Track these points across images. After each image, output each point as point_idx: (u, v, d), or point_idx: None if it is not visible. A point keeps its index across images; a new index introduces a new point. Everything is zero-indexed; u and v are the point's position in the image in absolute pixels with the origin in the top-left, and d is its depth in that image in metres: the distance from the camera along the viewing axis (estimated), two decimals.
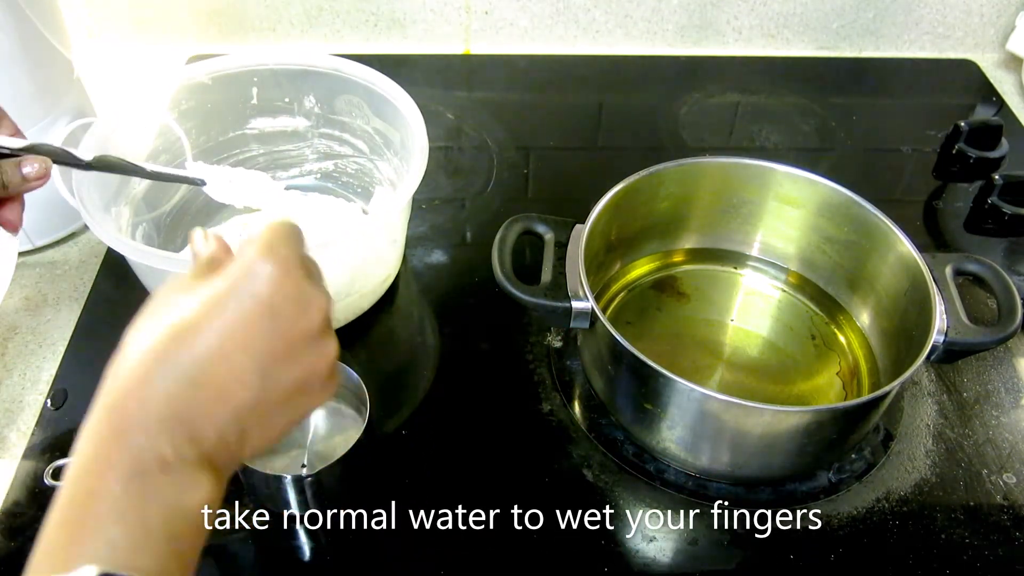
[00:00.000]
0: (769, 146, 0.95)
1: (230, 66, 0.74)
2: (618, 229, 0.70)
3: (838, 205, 0.68)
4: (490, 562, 0.57)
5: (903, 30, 1.08)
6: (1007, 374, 0.70)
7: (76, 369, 0.68)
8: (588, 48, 1.08)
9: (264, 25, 1.04)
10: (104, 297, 0.74)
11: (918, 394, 0.68)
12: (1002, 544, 0.59)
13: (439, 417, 0.65)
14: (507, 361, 0.70)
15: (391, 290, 0.74)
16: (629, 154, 0.94)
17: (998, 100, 1.02)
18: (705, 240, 0.76)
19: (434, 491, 0.60)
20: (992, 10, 1.06)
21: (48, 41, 0.71)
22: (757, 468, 0.60)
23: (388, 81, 0.72)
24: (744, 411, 0.55)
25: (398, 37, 1.06)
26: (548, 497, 0.60)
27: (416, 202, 0.83)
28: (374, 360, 0.70)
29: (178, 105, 0.73)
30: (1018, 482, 0.62)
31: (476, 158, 0.91)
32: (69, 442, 0.62)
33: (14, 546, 0.56)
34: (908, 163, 0.93)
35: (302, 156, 0.82)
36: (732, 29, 1.07)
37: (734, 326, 0.72)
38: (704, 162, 0.71)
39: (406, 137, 0.71)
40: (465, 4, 1.03)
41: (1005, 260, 0.81)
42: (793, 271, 0.75)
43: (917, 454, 0.64)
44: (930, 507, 0.61)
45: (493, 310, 0.73)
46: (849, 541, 0.59)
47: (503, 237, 0.63)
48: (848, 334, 0.71)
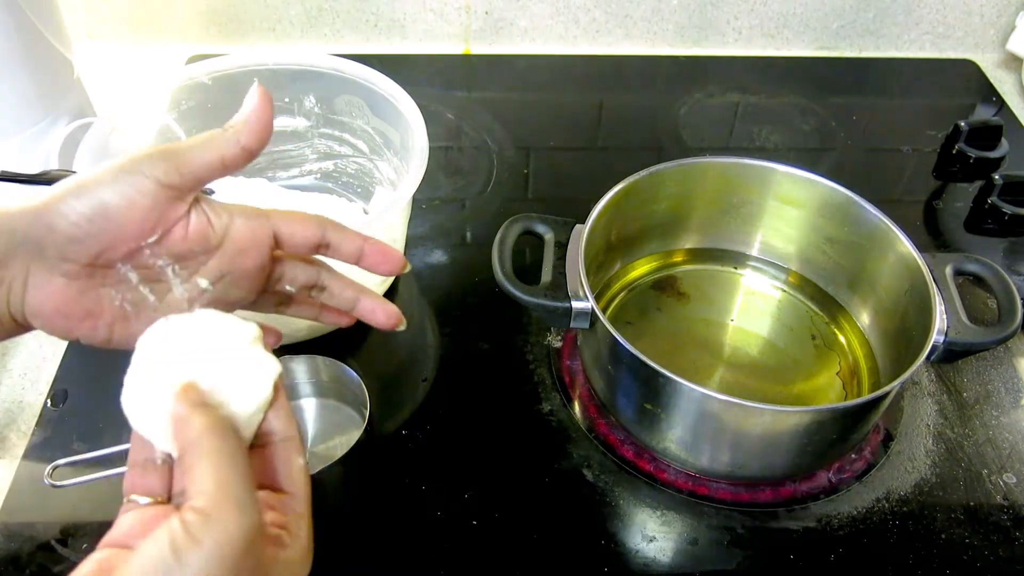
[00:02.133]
0: (769, 146, 0.95)
1: (230, 66, 0.74)
2: (618, 229, 0.70)
3: (838, 205, 0.68)
4: (490, 562, 0.57)
5: (903, 30, 1.08)
6: (1007, 374, 0.70)
7: (76, 369, 0.68)
8: (588, 48, 1.08)
9: (264, 25, 1.04)
10: None
11: (918, 394, 0.68)
12: (1002, 544, 0.59)
13: (439, 417, 0.65)
14: (507, 361, 0.70)
15: (391, 290, 0.74)
16: (629, 154, 0.94)
17: (998, 100, 1.02)
18: (705, 240, 0.76)
19: (434, 491, 0.60)
20: (992, 10, 1.06)
21: (48, 41, 0.71)
22: (757, 468, 0.60)
23: (388, 81, 0.72)
24: (744, 411, 0.55)
25: (398, 37, 1.06)
26: (548, 497, 0.60)
27: (416, 202, 0.83)
28: (374, 360, 0.70)
29: (178, 105, 0.73)
30: (1018, 482, 0.62)
31: (476, 158, 0.91)
32: (69, 442, 0.63)
33: (14, 546, 0.56)
34: (908, 163, 0.93)
35: (302, 156, 0.82)
36: (732, 29, 1.07)
37: (734, 326, 0.72)
38: (704, 162, 0.71)
39: (406, 137, 0.71)
40: (465, 4, 1.03)
41: (1005, 260, 0.81)
42: (793, 271, 0.75)
43: (917, 454, 0.64)
44: (930, 507, 0.61)
45: (493, 310, 0.73)
46: (849, 541, 0.59)
47: (503, 237, 0.63)
48: (848, 334, 0.71)
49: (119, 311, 0.40)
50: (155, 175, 0.37)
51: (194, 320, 0.39)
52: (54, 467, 0.57)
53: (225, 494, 0.33)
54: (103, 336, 0.41)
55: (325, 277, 0.46)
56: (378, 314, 0.47)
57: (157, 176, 0.37)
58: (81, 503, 0.59)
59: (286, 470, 0.39)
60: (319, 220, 0.43)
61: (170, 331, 0.38)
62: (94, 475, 0.57)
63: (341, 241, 0.44)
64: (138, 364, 0.38)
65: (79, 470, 0.58)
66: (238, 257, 0.41)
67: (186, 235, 0.39)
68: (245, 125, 0.40)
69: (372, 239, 0.45)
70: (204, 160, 0.39)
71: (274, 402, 0.39)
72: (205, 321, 0.39)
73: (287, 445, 0.39)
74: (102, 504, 0.59)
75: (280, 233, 0.42)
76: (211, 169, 0.39)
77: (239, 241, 0.41)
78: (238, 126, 0.40)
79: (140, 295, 0.41)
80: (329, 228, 0.43)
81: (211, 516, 0.33)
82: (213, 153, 0.39)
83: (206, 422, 0.35)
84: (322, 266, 0.46)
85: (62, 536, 0.57)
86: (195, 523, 0.32)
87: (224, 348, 0.38)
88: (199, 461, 0.34)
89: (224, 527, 0.32)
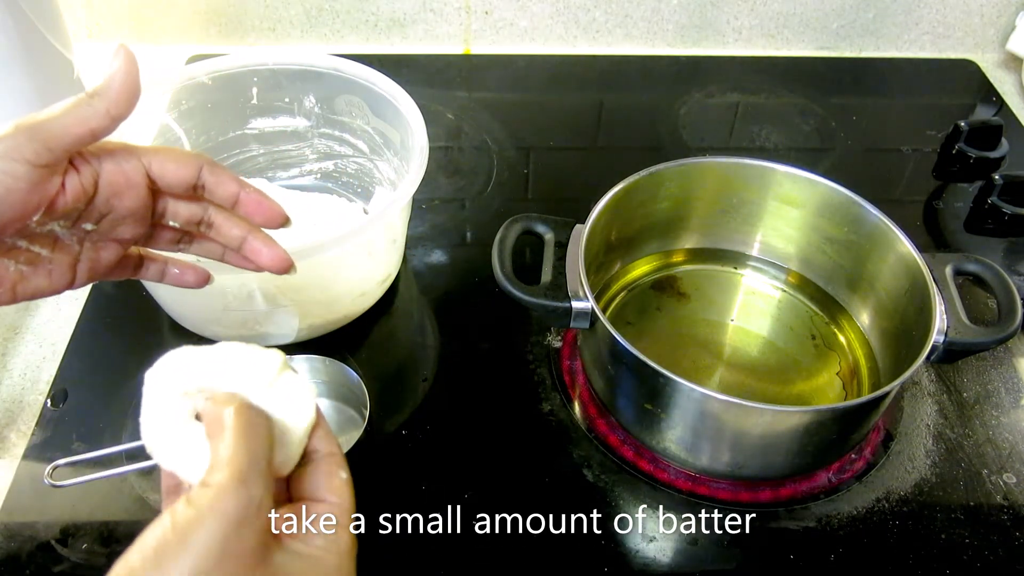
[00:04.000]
0: (769, 146, 0.95)
1: (230, 66, 0.74)
2: (618, 229, 0.70)
3: (838, 205, 0.68)
4: (490, 562, 0.57)
5: (903, 30, 1.08)
6: (1007, 374, 0.70)
7: (76, 369, 0.68)
8: (588, 48, 1.08)
9: (264, 25, 1.04)
10: (104, 297, 0.74)
11: (918, 394, 0.68)
12: (1002, 544, 0.59)
13: (439, 417, 0.65)
14: (507, 361, 0.70)
15: (391, 290, 0.74)
16: (629, 154, 0.94)
17: (998, 100, 1.02)
18: (705, 240, 0.76)
19: (434, 491, 0.60)
20: (992, 10, 1.06)
21: (48, 41, 0.71)
22: (757, 468, 0.60)
23: (388, 81, 0.72)
24: (744, 411, 0.55)
25: (398, 37, 1.06)
26: (548, 497, 0.60)
27: (416, 202, 0.83)
28: (374, 360, 0.70)
29: (178, 105, 0.73)
30: (1018, 482, 0.62)
31: (476, 158, 0.91)
32: (69, 442, 0.63)
33: (14, 546, 0.56)
34: (908, 163, 0.93)
35: (302, 156, 0.82)
36: (732, 29, 1.07)
37: (734, 326, 0.72)
38: (704, 162, 0.71)
39: (406, 137, 0.71)
40: (465, 4, 1.03)
41: (1005, 260, 0.81)
42: (793, 271, 0.75)
43: (917, 454, 0.64)
44: (930, 507, 0.61)
45: (493, 310, 0.73)
46: (849, 541, 0.59)
47: (503, 237, 0.63)
48: (848, 334, 0.71)
49: (16, 273, 0.41)
50: (26, 158, 0.37)
51: (210, 352, 0.39)
52: (54, 467, 0.56)
53: (230, 465, 0.34)
54: (7, 298, 0.42)
55: (213, 213, 0.46)
56: (263, 255, 0.47)
57: (28, 159, 0.37)
58: (81, 503, 0.59)
59: (329, 482, 0.39)
60: (194, 159, 0.44)
61: (181, 362, 0.38)
62: (94, 475, 0.57)
63: (217, 183, 0.44)
64: (152, 399, 0.38)
65: (79, 470, 0.57)
66: (114, 199, 0.42)
67: (66, 199, 0.40)
68: (112, 92, 0.40)
69: (251, 187, 0.45)
70: (74, 134, 0.39)
71: (316, 423, 0.40)
72: (227, 353, 0.39)
73: (330, 460, 0.40)
74: (102, 504, 0.59)
75: (153, 172, 0.42)
76: (81, 141, 0.39)
77: (113, 184, 0.41)
78: (106, 94, 0.40)
79: (33, 253, 0.42)
80: (206, 168, 0.44)
81: (211, 485, 0.33)
82: (83, 127, 0.39)
83: (232, 404, 0.36)
84: (211, 203, 0.46)
85: (62, 536, 0.57)
86: (196, 493, 0.33)
87: (258, 378, 0.38)
88: (215, 440, 0.35)
89: (220, 495, 0.33)
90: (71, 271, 0.44)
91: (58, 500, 0.59)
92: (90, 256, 0.44)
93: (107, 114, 0.39)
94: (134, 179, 0.42)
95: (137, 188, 0.42)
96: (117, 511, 0.59)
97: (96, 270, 0.45)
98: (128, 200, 0.42)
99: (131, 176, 0.42)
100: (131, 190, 0.42)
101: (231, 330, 0.67)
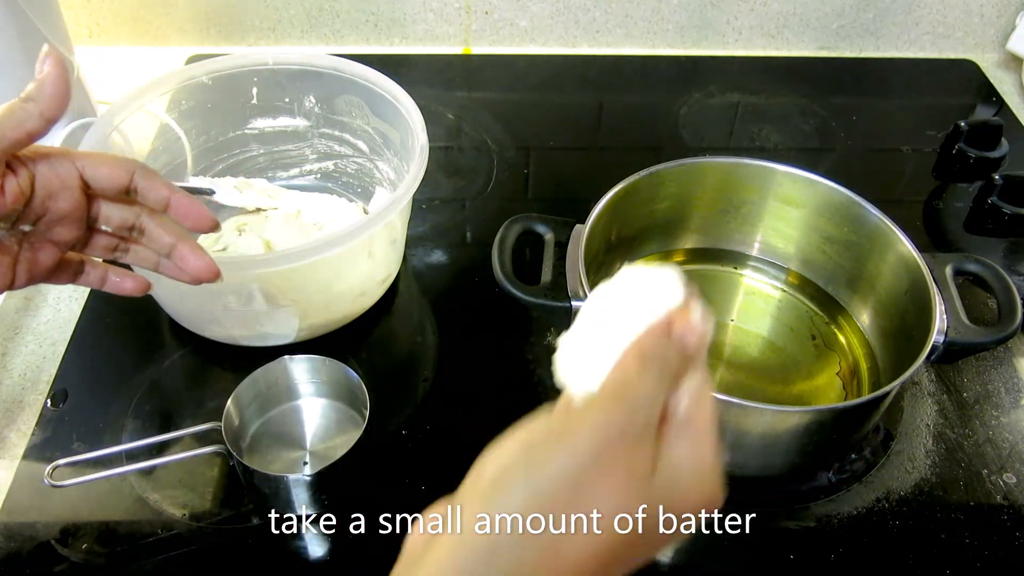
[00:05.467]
0: (769, 146, 0.95)
1: (230, 66, 0.74)
2: (618, 229, 0.70)
3: (838, 205, 0.68)
4: None
5: (903, 30, 1.08)
6: (1007, 374, 0.70)
7: (76, 369, 0.68)
8: (588, 48, 1.08)
9: (264, 25, 1.04)
10: (104, 297, 0.73)
11: (918, 394, 0.68)
12: (1002, 544, 0.59)
13: (439, 417, 0.65)
14: (507, 361, 0.70)
15: (391, 290, 0.74)
16: (629, 154, 0.94)
17: (998, 100, 1.02)
18: (705, 240, 0.76)
19: (434, 491, 0.60)
20: (992, 10, 1.06)
21: (48, 41, 0.71)
22: (757, 468, 0.60)
23: (388, 81, 0.72)
24: (744, 411, 0.55)
25: (398, 37, 1.06)
26: None
27: (416, 202, 0.83)
28: (374, 360, 0.70)
29: (178, 105, 0.73)
30: (1018, 482, 0.62)
31: (476, 158, 0.91)
32: (69, 442, 0.63)
33: (14, 546, 0.56)
34: (908, 163, 0.93)
35: (302, 156, 0.82)
36: (732, 29, 1.07)
37: (734, 326, 0.72)
38: (704, 162, 0.71)
39: (406, 137, 0.71)
40: (465, 4, 1.03)
41: (1005, 260, 0.81)
42: (793, 271, 0.75)
43: (917, 454, 0.64)
44: (930, 507, 0.61)
45: (493, 310, 0.73)
46: (849, 541, 0.59)
47: (503, 237, 0.63)
48: (848, 334, 0.71)
49: None
50: None
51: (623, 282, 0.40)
52: (54, 467, 0.57)
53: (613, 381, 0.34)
54: None
55: (145, 220, 0.47)
56: (190, 261, 0.48)
57: None
58: (81, 503, 0.59)
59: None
60: (127, 163, 0.45)
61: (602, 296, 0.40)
62: (94, 475, 0.57)
63: (149, 187, 0.45)
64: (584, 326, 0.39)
65: (79, 470, 0.58)
66: (49, 200, 0.43)
67: (4, 201, 0.41)
68: (44, 96, 0.41)
69: (182, 192, 0.46)
70: (10, 137, 0.40)
71: None
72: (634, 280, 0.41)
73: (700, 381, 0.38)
74: (102, 504, 0.59)
75: (86, 175, 0.44)
76: (18, 144, 0.41)
77: (48, 186, 0.43)
78: (39, 98, 0.41)
79: None
80: (138, 173, 0.45)
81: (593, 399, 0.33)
82: (19, 131, 0.40)
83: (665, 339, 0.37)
84: (144, 209, 0.47)
85: (62, 536, 0.57)
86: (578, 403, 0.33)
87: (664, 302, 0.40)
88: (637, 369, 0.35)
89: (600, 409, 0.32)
90: (10, 272, 0.45)
91: (58, 500, 0.59)
92: (28, 257, 0.45)
93: (41, 116, 0.41)
94: (68, 181, 0.43)
95: (71, 190, 0.43)
96: (117, 511, 0.58)
97: (35, 272, 0.46)
98: (63, 202, 0.43)
99: (65, 178, 0.43)
100: (65, 191, 0.43)
101: (231, 330, 0.67)
